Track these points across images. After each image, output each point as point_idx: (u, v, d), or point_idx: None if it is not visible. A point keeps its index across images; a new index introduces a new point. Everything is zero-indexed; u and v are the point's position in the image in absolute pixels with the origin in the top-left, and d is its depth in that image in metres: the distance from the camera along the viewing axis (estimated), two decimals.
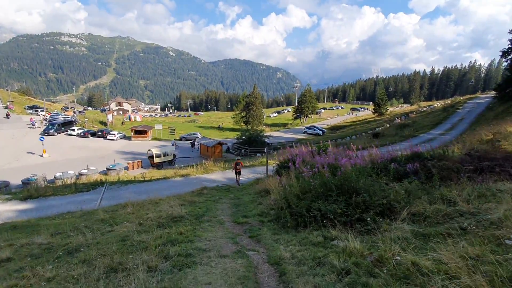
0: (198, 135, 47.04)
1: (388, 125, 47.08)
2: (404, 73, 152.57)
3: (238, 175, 15.71)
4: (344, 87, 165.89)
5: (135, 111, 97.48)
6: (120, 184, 18.17)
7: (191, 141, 39.50)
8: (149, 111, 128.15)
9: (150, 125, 50.47)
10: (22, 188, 18.06)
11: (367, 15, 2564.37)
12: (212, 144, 31.15)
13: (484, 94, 71.18)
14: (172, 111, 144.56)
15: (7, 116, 50.47)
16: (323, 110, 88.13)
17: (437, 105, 66.97)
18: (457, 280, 2.15)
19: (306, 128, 56.52)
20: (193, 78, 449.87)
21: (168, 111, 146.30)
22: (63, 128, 43.01)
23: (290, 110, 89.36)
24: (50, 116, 55.36)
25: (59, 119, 49.01)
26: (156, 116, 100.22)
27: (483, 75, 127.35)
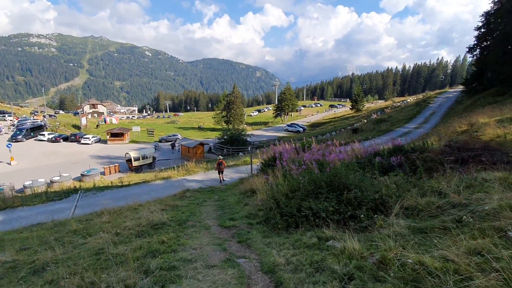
0: (179, 136, 45.86)
1: (365, 121, 48.43)
2: (378, 71, 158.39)
3: (221, 174, 15.79)
4: (322, 84, 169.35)
5: (111, 113, 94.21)
6: (96, 190, 17.34)
7: (171, 143, 38.45)
8: (126, 113, 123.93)
9: (127, 127, 48.60)
10: None
11: (342, 14, 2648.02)
12: (194, 144, 30.43)
13: (452, 88, 75.29)
14: (150, 113, 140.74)
15: None
16: (302, 108, 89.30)
17: (410, 100, 69.98)
18: (471, 282, 1.97)
19: (287, 125, 56.97)
20: (171, 78, 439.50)
21: (146, 112, 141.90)
22: (32, 134, 40.74)
23: (271, 108, 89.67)
24: (18, 121, 52.35)
25: (27, 124, 46.57)
26: (133, 118, 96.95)
27: (449, 71, 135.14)
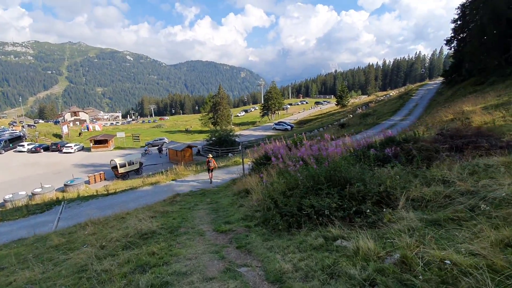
0: (165, 140, 44.82)
1: (351, 116, 49.04)
2: (359, 67, 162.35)
3: (210, 172, 15.51)
4: (306, 82, 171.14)
5: (94, 120, 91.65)
6: (80, 200, 16.46)
7: (158, 147, 37.48)
8: (109, 120, 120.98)
9: (112, 134, 47.12)
10: None
11: (321, 13, 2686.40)
12: (182, 148, 29.72)
13: (432, 80, 77.56)
14: (135, 118, 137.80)
15: None
16: (289, 106, 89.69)
17: (392, 93, 71.50)
18: None
19: (275, 124, 56.87)
20: (154, 82, 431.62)
21: (130, 118, 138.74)
22: (11, 145, 39.02)
23: (257, 108, 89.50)
24: None
25: (5, 135, 44.40)
26: (117, 124, 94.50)
27: (427, 64, 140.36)
